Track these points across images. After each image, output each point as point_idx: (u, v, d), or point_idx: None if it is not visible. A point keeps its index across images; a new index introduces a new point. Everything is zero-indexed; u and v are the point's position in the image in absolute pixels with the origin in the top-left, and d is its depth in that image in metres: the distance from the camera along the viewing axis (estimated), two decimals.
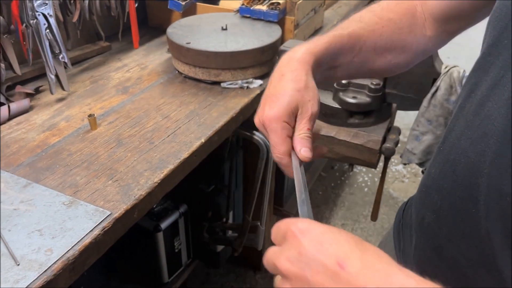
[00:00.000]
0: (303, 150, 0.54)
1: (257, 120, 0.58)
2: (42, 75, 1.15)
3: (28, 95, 1.05)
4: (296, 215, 0.48)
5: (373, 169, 2.40)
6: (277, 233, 0.43)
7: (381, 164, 1.18)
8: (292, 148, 0.56)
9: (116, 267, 1.42)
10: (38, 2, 0.93)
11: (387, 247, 0.75)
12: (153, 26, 1.50)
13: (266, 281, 1.80)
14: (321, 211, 2.12)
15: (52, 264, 0.64)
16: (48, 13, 0.95)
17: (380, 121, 1.09)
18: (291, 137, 0.56)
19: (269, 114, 0.56)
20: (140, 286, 1.42)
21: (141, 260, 1.40)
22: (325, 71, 0.63)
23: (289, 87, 0.57)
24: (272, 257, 0.41)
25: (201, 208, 1.39)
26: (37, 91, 1.09)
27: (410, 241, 0.64)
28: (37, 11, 0.93)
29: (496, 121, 0.44)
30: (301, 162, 0.55)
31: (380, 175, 2.38)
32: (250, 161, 1.40)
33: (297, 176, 0.54)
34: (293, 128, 0.56)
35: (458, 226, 0.50)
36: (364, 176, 2.37)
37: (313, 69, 0.59)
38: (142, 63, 1.27)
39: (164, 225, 1.30)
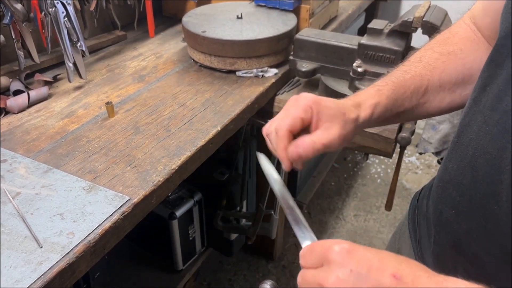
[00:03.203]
0: (299, 150, 0.52)
1: (294, 95, 0.57)
2: (60, 64, 1.16)
3: (46, 83, 1.06)
4: (308, 206, 0.47)
5: (386, 160, 2.39)
6: (313, 256, 0.43)
7: (394, 156, 1.18)
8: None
9: (131, 253, 1.44)
10: None
11: (402, 238, 0.74)
12: (167, 16, 1.51)
13: (278, 270, 1.81)
14: (334, 202, 2.12)
15: (74, 247, 0.65)
16: (66, 2, 0.95)
17: None
18: (304, 125, 0.54)
19: (309, 94, 0.55)
20: (155, 273, 1.44)
21: (156, 247, 1.42)
22: (388, 118, 0.62)
23: (341, 101, 0.57)
24: (315, 279, 0.41)
25: (215, 197, 1.40)
26: (55, 79, 1.10)
27: (427, 233, 0.63)
28: (56, 0, 0.94)
29: None
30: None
31: (393, 166, 2.37)
32: (263, 150, 1.40)
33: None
34: (308, 126, 0.54)
35: (479, 222, 0.50)
36: (377, 167, 2.36)
37: (368, 117, 0.58)
38: (158, 52, 1.28)
39: (179, 213, 1.32)
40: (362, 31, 1.92)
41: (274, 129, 0.54)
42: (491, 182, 0.47)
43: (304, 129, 0.55)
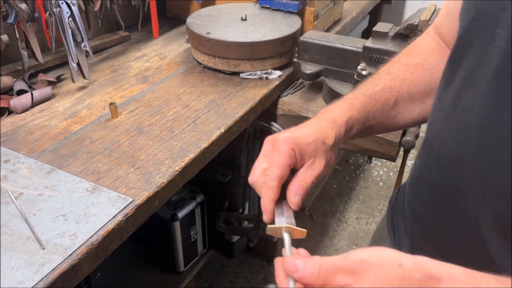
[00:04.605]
0: (297, 198, 0.52)
1: (270, 136, 0.56)
2: (64, 64, 1.16)
3: (50, 83, 1.06)
4: (310, 208, 0.47)
5: (388, 163, 2.38)
6: (318, 277, 0.40)
7: (398, 159, 1.17)
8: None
9: (133, 254, 1.44)
10: None
11: (382, 236, 0.75)
12: (171, 17, 1.51)
13: None
14: (336, 204, 2.12)
15: (76, 249, 0.65)
16: (71, 2, 0.95)
17: None
18: (290, 169, 0.53)
19: (285, 135, 0.54)
20: (157, 274, 1.44)
21: (158, 248, 1.42)
22: (358, 133, 0.62)
23: (316, 127, 0.56)
24: None
25: (217, 198, 1.39)
26: (59, 79, 1.10)
27: (404, 230, 0.65)
28: (61, 0, 0.94)
29: (475, 112, 0.45)
30: (287, 210, 0.52)
31: (395, 169, 2.36)
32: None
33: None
34: (292, 167, 0.54)
35: (448, 216, 0.52)
36: (379, 170, 2.36)
37: (343, 134, 0.58)
38: (161, 53, 1.28)
39: (181, 214, 1.32)
40: (366, 34, 1.92)
41: (264, 180, 0.53)
42: (455, 176, 0.49)
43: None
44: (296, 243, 0.48)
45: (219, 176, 1.38)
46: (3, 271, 0.61)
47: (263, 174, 0.53)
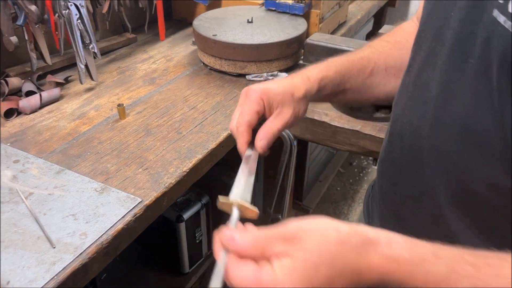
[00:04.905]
0: (262, 142, 0.57)
1: (245, 88, 0.61)
2: (71, 65, 1.17)
3: (58, 84, 1.07)
4: (314, 211, 0.48)
5: None
6: (255, 247, 0.40)
7: None
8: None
9: (138, 255, 1.44)
10: None
11: (359, 222, 0.76)
12: (177, 19, 1.52)
13: None
14: (340, 207, 2.12)
15: (87, 248, 0.65)
16: (80, 4, 0.96)
17: None
18: (259, 116, 0.58)
19: (256, 86, 0.59)
20: (162, 275, 1.44)
21: (163, 249, 1.42)
22: (333, 95, 0.65)
23: (288, 82, 0.61)
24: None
25: None
26: (67, 80, 1.11)
27: (376, 211, 0.68)
28: (70, 2, 0.95)
29: (432, 88, 0.49)
30: (253, 161, 0.58)
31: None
32: (270, 154, 1.40)
33: (246, 162, 0.57)
34: (264, 115, 0.59)
35: (409, 189, 0.55)
36: None
37: (315, 90, 0.62)
38: (168, 55, 1.29)
39: (186, 215, 1.32)
40: (370, 37, 1.92)
41: (234, 126, 0.59)
42: (414, 150, 0.52)
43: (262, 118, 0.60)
44: None
45: (224, 177, 1.38)
46: (15, 270, 0.62)
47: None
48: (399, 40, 0.70)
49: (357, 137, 1.09)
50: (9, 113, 0.96)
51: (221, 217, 1.46)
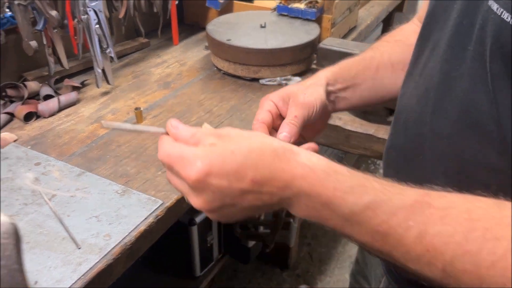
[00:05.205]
0: (282, 136, 0.57)
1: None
2: (86, 69, 1.18)
3: (74, 88, 1.08)
4: None
5: None
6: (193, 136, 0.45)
7: None
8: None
9: (149, 258, 1.45)
10: None
11: None
12: (189, 24, 1.53)
13: (293, 279, 1.81)
14: None
15: (111, 249, 0.66)
16: (98, 9, 0.98)
17: None
18: (274, 117, 0.59)
19: (267, 96, 0.62)
20: (173, 279, 1.45)
21: (174, 252, 1.43)
22: (344, 89, 0.67)
23: (303, 85, 0.64)
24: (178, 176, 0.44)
25: None
26: (83, 84, 1.12)
27: None
28: (88, 7, 0.96)
29: (434, 77, 0.51)
30: None
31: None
32: None
33: None
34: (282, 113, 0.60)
35: (411, 176, 0.55)
36: None
37: (327, 83, 0.64)
38: (181, 59, 1.30)
39: (198, 219, 1.32)
40: None
41: (253, 124, 0.60)
42: (417, 137, 0.53)
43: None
44: (312, 254, 0.50)
45: None
46: (41, 270, 0.62)
47: None
48: (399, 39, 0.71)
49: (371, 141, 1.10)
50: (29, 117, 0.97)
51: (232, 223, 1.46)
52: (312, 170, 0.42)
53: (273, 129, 0.59)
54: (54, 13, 0.90)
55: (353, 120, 1.12)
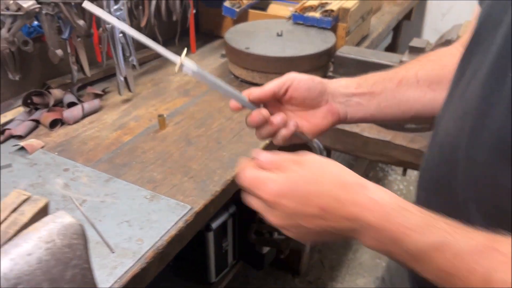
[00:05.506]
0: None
1: None
2: (106, 77, 1.20)
3: (96, 95, 1.10)
4: None
5: (408, 177, 2.40)
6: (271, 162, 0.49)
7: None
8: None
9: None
10: (115, 7, 0.98)
11: None
12: (204, 32, 1.55)
13: (304, 285, 1.81)
14: None
15: (145, 253, 0.68)
16: (123, 18, 1.00)
17: None
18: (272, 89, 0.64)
19: None
20: (188, 284, 1.45)
21: (190, 258, 1.44)
22: (359, 95, 0.68)
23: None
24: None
25: (249, 209, 1.41)
26: (104, 92, 1.14)
27: None
28: (113, 16, 0.98)
29: (473, 100, 0.50)
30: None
31: (415, 183, 2.37)
32: None
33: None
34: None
35: (443, 201, 0.56)
36: (399, 184, 2.37)
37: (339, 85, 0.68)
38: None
39: (215, 225, 1.34)
40: (389, 49, 1.96)
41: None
42: (450, 161, 0.53)
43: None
44: (323, 261, 0.51)
45: None
46: None
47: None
48: (432, 58, 0.71)
49: (388, 148, 1.12)
50: (54, 124, 0.99)
51: (247, 228, 1.47)
52: (379, 204, 0.43)
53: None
54: (81, 22, 0.92)
55: (370, 127, 1.14)
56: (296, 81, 0.66)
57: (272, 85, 0.64)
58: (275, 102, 0.67)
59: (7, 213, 0.33)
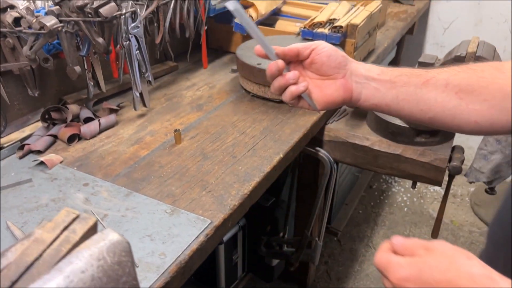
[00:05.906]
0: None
1: None
2: (121, 92, 1.23)
3: (112, 110, 1.12)
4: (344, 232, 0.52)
5: (411, 189, 2.41)
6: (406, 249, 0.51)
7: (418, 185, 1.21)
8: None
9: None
10: (132, 25, 1.00)
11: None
12: (213, 48, 1.58)
13: None
14: (363, 230, 2.14)
15: (168, 267, 0.69)
16: (139, 36, 1.02)
17: (445, 140, 1.13)
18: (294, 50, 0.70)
19: None
20: None
21: (201, 269, 1.44)
22: (379, 81, 0.68)
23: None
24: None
25: (259, 222, 1.43)
26: (119, 107, 1.16)
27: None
28: (131, 33, 1.01)
29: None
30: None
31: (419, 195, 2.39)
32: (304, 177, 1.45)
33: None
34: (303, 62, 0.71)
35: (510, 256, 0.56)
36: (403, 196, 2.38)
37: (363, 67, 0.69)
38: (210, 82, 1.34)
39: (226, 237, 1.35)
40: (392, 63, 1.99)
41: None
42: None
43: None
44: (330, 273, 0.53)
45: (261, 200, 1.41)
46: None
47: None
48: (473, 68, 0.67)
49: (398, 161, 1.14)
50: (71, 139, 1.00)
51: (256, 241, 1.48)
52: None
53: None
54: (100, 40, 0.95)
55: (380, 141, 1.16)
56: (321, 46, 0.69)
57: (299, 45, 0.69)
58: (298, 64, 0.71)
59: (59, 231, 0.35)
